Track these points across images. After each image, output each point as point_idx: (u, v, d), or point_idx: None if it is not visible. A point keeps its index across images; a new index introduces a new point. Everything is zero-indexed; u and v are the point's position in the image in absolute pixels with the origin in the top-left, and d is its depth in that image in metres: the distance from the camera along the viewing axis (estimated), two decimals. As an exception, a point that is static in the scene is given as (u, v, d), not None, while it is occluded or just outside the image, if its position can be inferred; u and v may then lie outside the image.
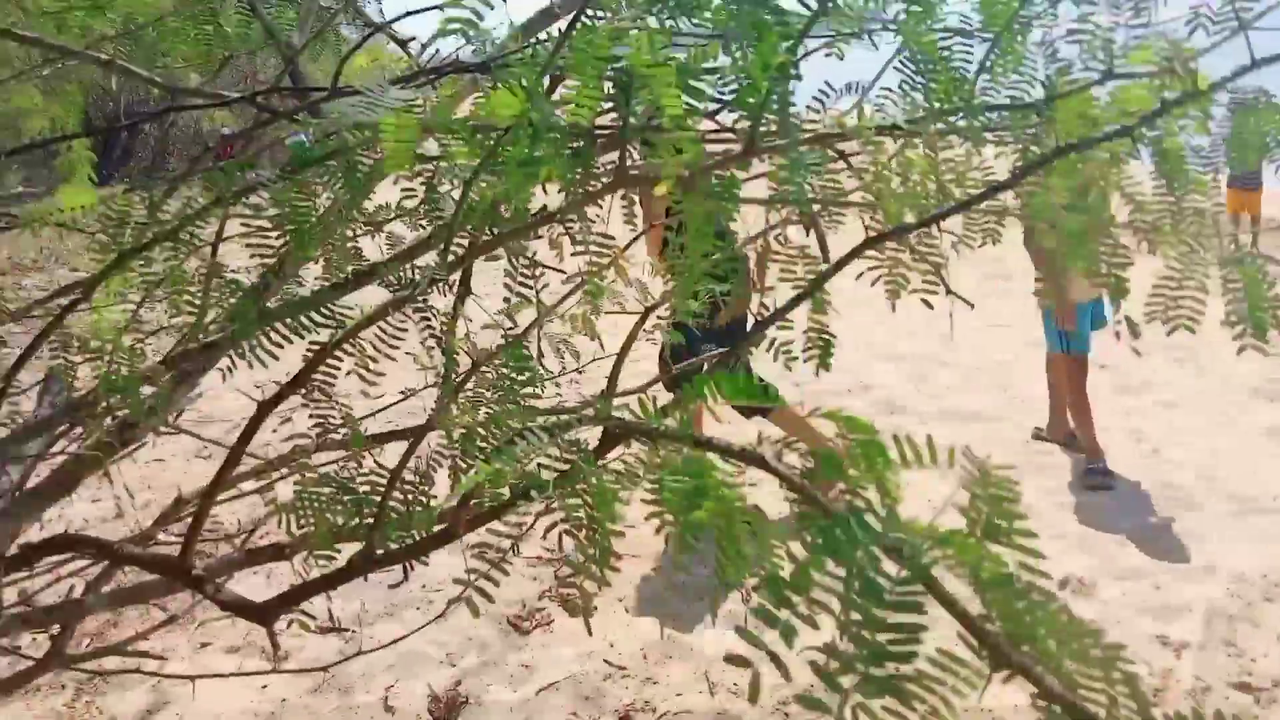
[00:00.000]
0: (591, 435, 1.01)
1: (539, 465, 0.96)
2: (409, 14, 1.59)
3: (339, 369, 1.23)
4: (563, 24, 2.15)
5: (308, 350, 1.22)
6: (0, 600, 1.22)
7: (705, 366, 1.34)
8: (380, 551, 1.13)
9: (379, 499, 1.18)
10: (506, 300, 1.19)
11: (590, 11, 1.14)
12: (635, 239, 1.47)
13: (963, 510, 0.65)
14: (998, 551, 0.61)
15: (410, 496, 1.23)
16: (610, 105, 1.02)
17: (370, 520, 1.19)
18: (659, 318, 1.40)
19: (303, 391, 1.25)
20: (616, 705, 3.45)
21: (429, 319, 1.15)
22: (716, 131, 1.32)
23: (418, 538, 1.16)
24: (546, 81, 1.06)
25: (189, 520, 1.70)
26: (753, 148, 1.02)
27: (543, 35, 1.58)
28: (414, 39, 2.03)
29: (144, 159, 14.68)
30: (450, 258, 1.09)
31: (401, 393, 1.96)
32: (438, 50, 2.05)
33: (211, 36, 1.93)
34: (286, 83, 1.73)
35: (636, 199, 1.47)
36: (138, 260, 1.24)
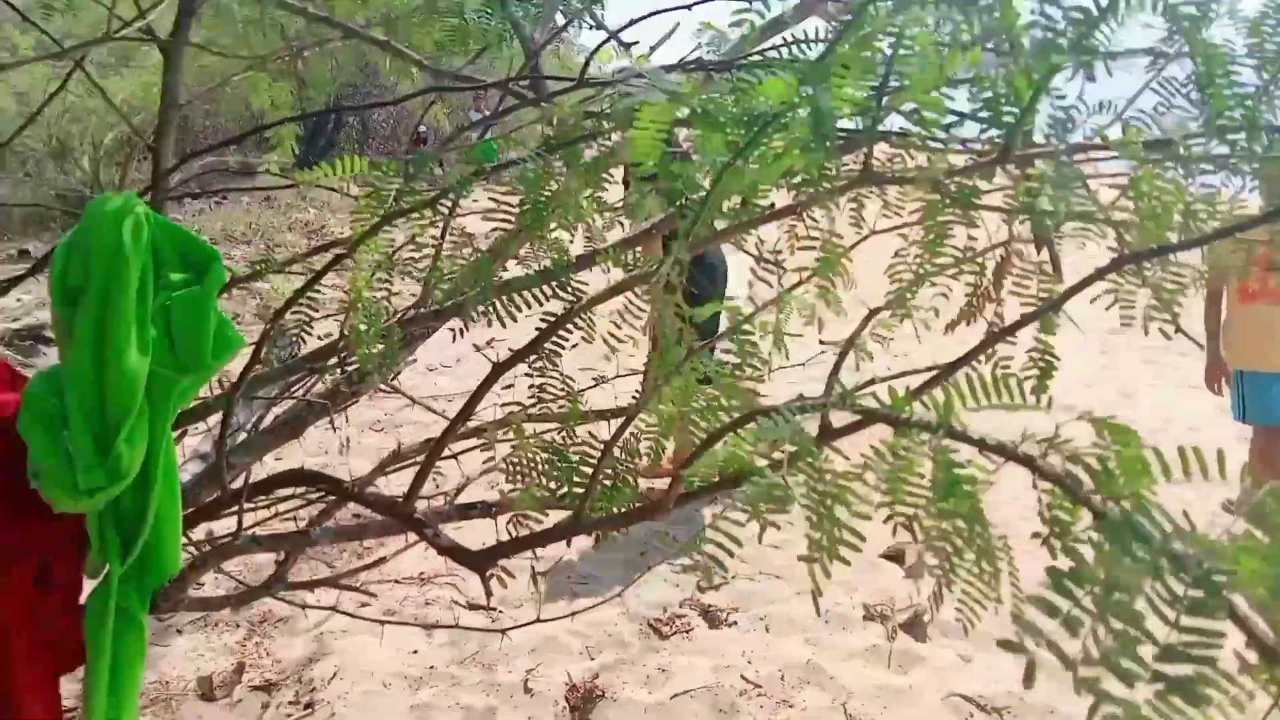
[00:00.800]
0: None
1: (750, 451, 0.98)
2: (653, 14, 1.67)
3: (567, 341, 1.29)
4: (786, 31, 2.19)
5: (541, 320, 1.30)
6: (241, 523, 1.35)
7: None
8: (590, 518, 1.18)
9: (591, 469, 1.23)
10: (749, 284, 1.22)
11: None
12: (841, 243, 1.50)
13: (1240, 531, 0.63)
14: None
15: (617, 469, 1.28)
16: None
17: (580, 489, 1.25)
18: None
19: (530, 360, 1.33)
20: (750, 722, 3.43)
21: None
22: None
23: (625, 509, 1.20)
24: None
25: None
26: (1008, 157, 1.01)
27: (775, 41, 1.63)
28: (636, 43, 2.12)
29: (346, 150, 15.78)
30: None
31: (594, 379, 2.03)
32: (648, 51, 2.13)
33: (454, 29, 2.08)
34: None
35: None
36: (394, 224, 1.35)
